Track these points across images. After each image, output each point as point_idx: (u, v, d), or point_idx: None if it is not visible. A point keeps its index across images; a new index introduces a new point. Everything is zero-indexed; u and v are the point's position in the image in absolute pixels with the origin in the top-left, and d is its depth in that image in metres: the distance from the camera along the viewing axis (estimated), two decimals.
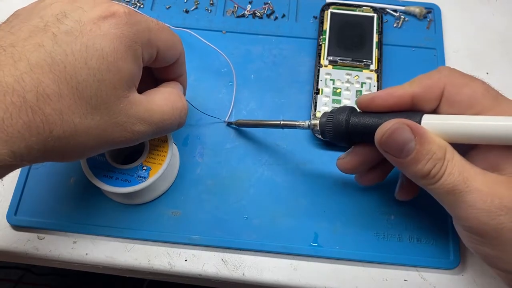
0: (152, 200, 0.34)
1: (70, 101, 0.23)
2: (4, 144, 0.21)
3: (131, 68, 0.26)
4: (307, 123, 0.31)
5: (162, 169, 0.31)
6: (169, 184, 0.34)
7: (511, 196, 0.24)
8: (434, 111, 0.28)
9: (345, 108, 0.29)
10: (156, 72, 0.32)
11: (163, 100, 0.29)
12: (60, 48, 0.23)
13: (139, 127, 0.27)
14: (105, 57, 0.24)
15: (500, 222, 0.24)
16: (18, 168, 0.23)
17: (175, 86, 0.31)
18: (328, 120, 0.30)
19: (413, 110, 0.28)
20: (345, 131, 0.29)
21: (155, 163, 0.32)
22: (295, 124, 0.32)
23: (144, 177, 0.31)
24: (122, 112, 0.25)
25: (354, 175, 0.33)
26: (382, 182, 0.32)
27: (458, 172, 0.25)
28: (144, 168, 0.32)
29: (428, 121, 0.26)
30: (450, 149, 0.25)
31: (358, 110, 0.30)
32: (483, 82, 0.27)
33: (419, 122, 0.26)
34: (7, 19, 0.25)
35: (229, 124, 0.37)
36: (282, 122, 0.33)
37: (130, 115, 0.26)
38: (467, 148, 0.27)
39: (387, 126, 0.26)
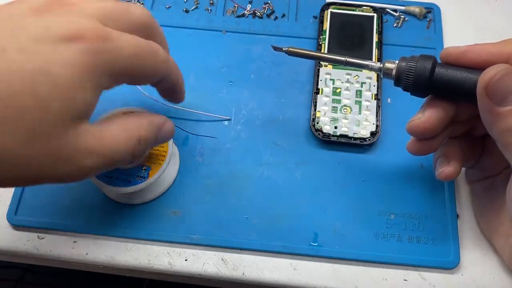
0: (153, 200, 0.34)
1: (10, 125, 0.21)
2: None
3: (87, 100, 0.23)
4: (378, 65, 0.29)
5: (162, 169, 0.31)
6: (169, 184, 0.34)
7: None
8: None
9: (428, 56, 0.27)
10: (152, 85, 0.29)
11: (118, 129, 0.26)
12: (5, 65, 0.21)
13: (87, 162, 0.24)
14: (58, 85, 0.21)
15: None
16: None
17: (142, 117, 0.28)
18: (410, 65, 0.27)
19: None
20: (428, 80, 0.27)
21: (155, 163, 0.32)
22: (363, 63, 0.29)
23: (144, 177, 0.31)
24: (68, 145, 0.23)
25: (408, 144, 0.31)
26: (383, 179, 0.32)
27: None
28: (144, 168, 0.32)
29: None
30: None
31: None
32: None
33: None
34: None
35: (275, 48, 0.32)
36: (347, 59, 0.29)
37: (77, 148, 0.23)
38: None
39: (499, 68, 0.25)
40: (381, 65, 0.29)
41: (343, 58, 0.29)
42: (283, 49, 0.31)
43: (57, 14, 0.23)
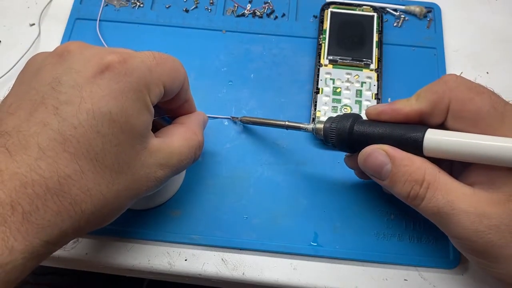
0: (147, 209, 0.34)
1: (94, 175, 0.22)
2: (35, 236, 0.20)
3: (144, 119, 0.24)
4: (311, 126, 0.32)
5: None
6: (165, 199, 0.34)
7: (500, 215, 0.24)
8: (442, 124, 0.27)
9: (350, 115, 0.29)
10: (160, 104, 0.30)
11: (180, 140, 0.28)
12: (66, 123, 0.21)
13: (160, 173, 0.26)
14: (116, 119, 0.22)
15: (489, 241, 0.24)
16: (50, 255, 0.22)
17: (190, 122, 0.30)
18: (332, 126, 0.30)
19: (419, 123, 0.28)
20: (348, 139, 0.29)
21: None
22: (300, 126, 0.33)
23: None
24: (144, 165, 0.25)
25: (354, 172, 0.33)
26: None
27: (442, 195, 0.25)
28: None
29: (431, 136, 0.26)
30: (431, 171, 0.26)
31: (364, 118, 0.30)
32: (491, 95, 0.26)
33: (422, 137, 0.26)
34: (3, 100, 0.24)
35: (233, 119, 0.37)
36: (286, 123, 0.33)
37: (150, 164, 0.25)
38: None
39: (366, 150, 0.27)
40: (313, 126, 0.31)
41: (283, 123, 0.33)
42: (238, 119, 0.36)
43: (74, 56, 0.24)
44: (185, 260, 0.32)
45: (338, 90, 0.37)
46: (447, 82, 0.27)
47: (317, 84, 0.38)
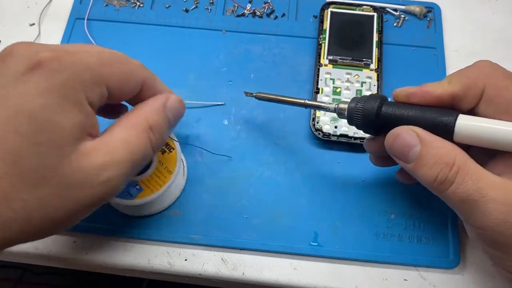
0: (142, 216, 0.33)
1: (13, 179, 0.20)
2: None
3: (75, 119, 0.22)
4: (333, 106, 0.30)
5: (150, 198, 0.30)
6: (161, 208, 0.33)
7: None
8: (472, 110, 0.27)
9: (378, 96, 0.28)
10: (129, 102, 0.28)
11: (123, 130, 0.25)
12: None
13: (108, 174, 0.23)
14: (36, 117, 0.21)
15: None
16: None
17: (140, 108, 0.27)
18: (358, 106, 0.28)
19: (449, 107, 0.27)
20: (375, 120, 0.28)
21: (149, 187, 0.30)
22: (321, 105, 0.31)
23: (132, 196, 0.30)
24: (81, 169, 0.22)
25: (369, 157, 0.33)
26: (383, 178, 0.33)
27: (472, 181, 0.24)
28: (137, 187, 0.30)
29: (463, 121, 0.25)
30: (461, 156, 0.25)
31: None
32: None
33: (454, 122, 0.25)
34: None
35: (247, 95, 0.35)
36: (306, 101, 0.32)
37: (88, 167, 0.22)
38: (495, 151, 0.27)
39: (395, 131, 0.26)
40: (336, 106, 0.30)
41: (302, 101, 0.32)
42: (253, 94, 0.34)
43: (13, 57, 0.23)
44: (185, 260, 0.32)
45: (338, 90, 0.37)
46: (482, 67, 0.27)
47: (317, 84, 0.38)
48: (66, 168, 0.22)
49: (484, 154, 0.27)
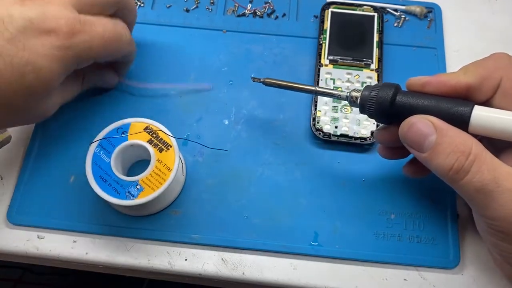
0: (143, 216, 0.33)
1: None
2: None
3: (60, 79, 0.28)
4: (345, 94, 0.30)
5: (152, 196, 0.30)
6: (162, 207, 0.33)
7: None
8: (487, 101, 0.27)
9: (392, 85, 0.28)
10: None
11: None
12: None
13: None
14: (42, 76, 0.26)
15: None
16: None
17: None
18: (372, 95, 0.28)
19: (464, 98, 0.27)
20: (389, 109, 0.27)
21: (150, 187, 0.30)
22: (332, 93, 0.30)
23: (133, 196, 0.30)
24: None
25: (377, 148, 0.33)
26: (383, 179, 0.33)
27: (487, 170, 0.24)
28: (138, 186, 0.30)
29: (479, 112, 0.25)
30: (478, 146, 0.25)
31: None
32: None
33: (470, 112, 0.25)
34: None
35: (254, 80, 0.34)
36: (317, 88, 0.31)
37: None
38: (505, 145, 0.26)
39: (411, 120, 0.26)
40: (348, 94, 0.29)
41: (313, 88, 0.31)
42: (261, 80, 0.34)
43: (38, 4, 0.27)
44: (185, 260, 0.32)
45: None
46: (498, 59, 0.27)
47: (318, 84, 0.38)
48: (40, 104, 0.29)
49: (493, 147, 0.27)
